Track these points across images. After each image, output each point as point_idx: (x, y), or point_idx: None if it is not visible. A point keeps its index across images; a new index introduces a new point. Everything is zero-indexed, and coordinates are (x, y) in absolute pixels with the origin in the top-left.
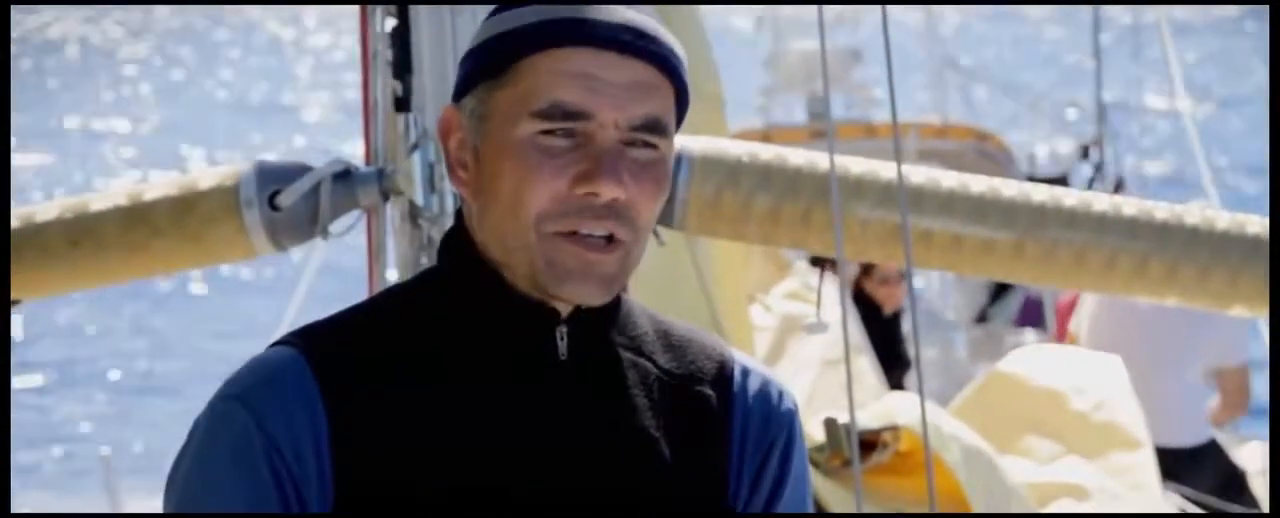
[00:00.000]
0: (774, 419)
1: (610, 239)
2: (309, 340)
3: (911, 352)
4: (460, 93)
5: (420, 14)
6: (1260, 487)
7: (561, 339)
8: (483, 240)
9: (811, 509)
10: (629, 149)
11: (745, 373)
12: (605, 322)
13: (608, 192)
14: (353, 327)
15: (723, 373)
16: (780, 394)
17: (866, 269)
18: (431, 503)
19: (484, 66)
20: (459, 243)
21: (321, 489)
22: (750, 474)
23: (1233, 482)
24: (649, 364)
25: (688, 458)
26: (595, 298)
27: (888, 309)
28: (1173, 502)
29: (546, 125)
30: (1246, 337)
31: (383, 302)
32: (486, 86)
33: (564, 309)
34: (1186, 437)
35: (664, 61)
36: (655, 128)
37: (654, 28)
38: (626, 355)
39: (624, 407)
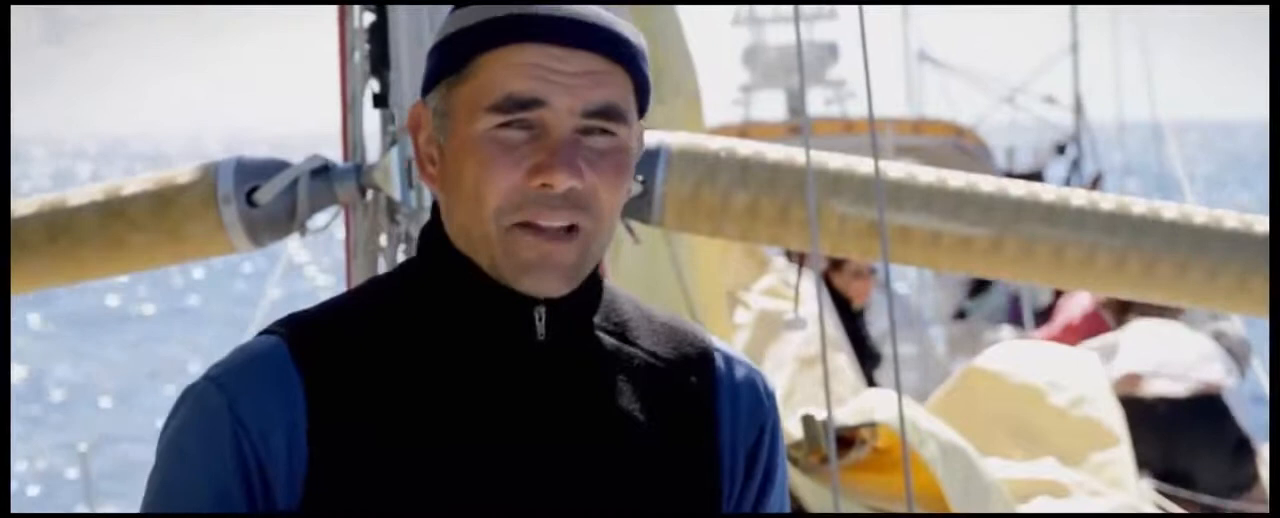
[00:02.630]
0: (760, 405)
1: (570, 229)
2: (292, 328)
3: (880, 346)
4: (425, 89)
5: (398, 10)
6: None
7: (539, 320)
8: (452, 233)
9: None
10: (586, 138)
11: (728, 359)
12: (583, 305)
13: (562, 182)
14: (335, 315)
15: (706, 359)
16: (764, 381)
17: (836, 263)
18: (412, 487)
19: (444, 64)
20: (434, 235)
21: (290, 472)
22: (744, 458)
23: (1242, 445)
24: (632, 349)
25: (673, 440)
26: (555, 289)
27: (857, 304)
28: (1149, 498)
29: (502, 119)
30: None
31: (364, 292)
32: (447, 83)
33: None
34: (1225, 377)
35: (615, 50)
36: (611, 114)
37: (606, 19)
38: (609, 340)
39: (605, 389)
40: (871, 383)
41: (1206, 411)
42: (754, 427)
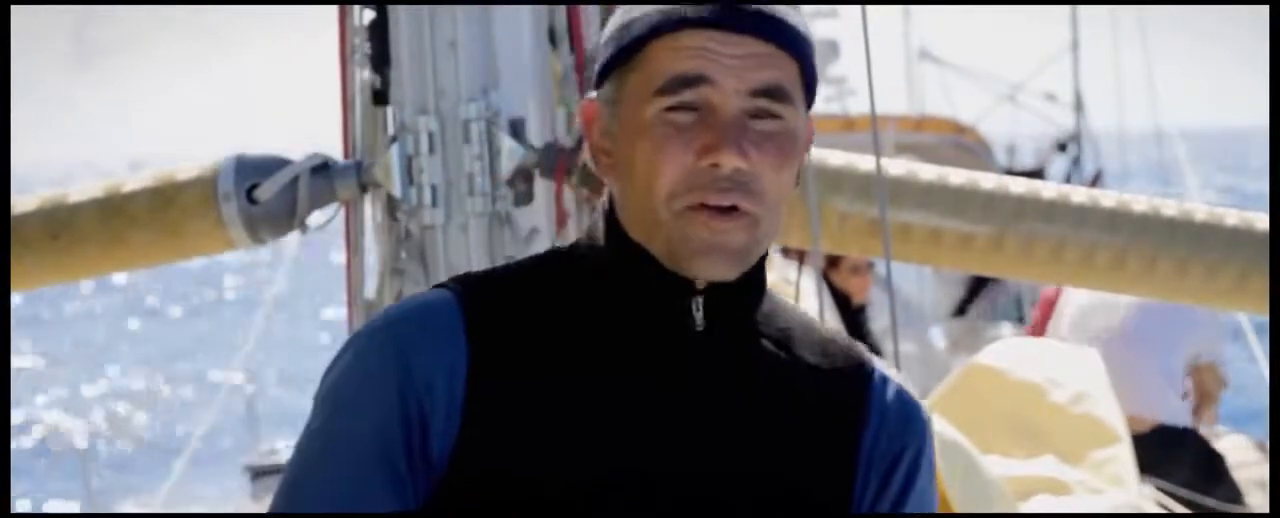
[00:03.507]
0: (909, 429)
1: (734, 209)
2: (464, 285)
3: (880, 343)
4: (598, 83)
5: (399, 8)
6: (1240, 476)
7: (696, 310)
8: (626, 220)
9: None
10: (753, 120)
11: (884, 379)
12: (742, 299)
13: (729, 161)
14: (506, 280)
15: (862, 375)
16: (917, 406)
17: (833, 260)
18: (555, 453)
19: (615, 55)
20: (607, 221)
21: (448, 421)
22: (878, 477)
23: (1212, 465)
24: (789, 355)
25: (815, 447)
26: (726, 271)
27: (856, 300)
28: (1150, 495)
29: (670, 101)
30: (1224, 337)
31: (537, 262)
32: (619, 73)
33: (701, 282)
34: (1173, 416)
35: (780, 35)
36: (777, 94)
37: (776, 10)
38: (768, 344)
39: (757, 387)
40: None
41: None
42: (895, 447)
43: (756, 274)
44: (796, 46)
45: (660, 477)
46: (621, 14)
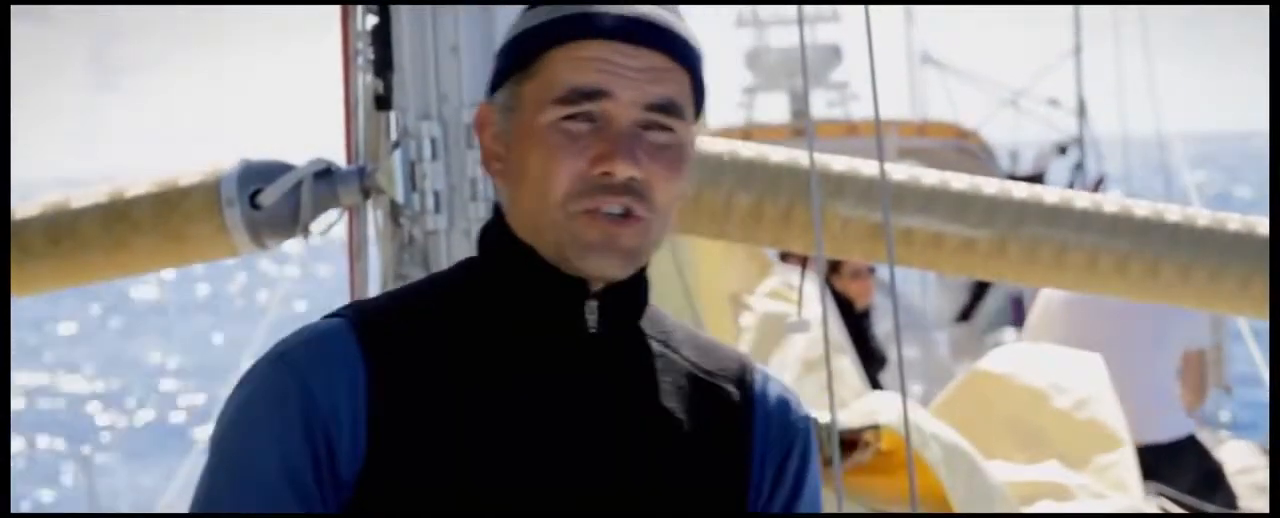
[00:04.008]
0: (792, 424)
1: (627, 214)
2: (356, 312)
3: (883, 348)
4: (493, 88)
5: (401, 12)
6: (1240, 484)
7: (590, 314)
8: (515, 224)
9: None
10: (646, 132)
11: (765, 378)
12: (632, 301)
13: (623, 170)
14: (396, 302)
15: (745, 376)
16: (798, 403)
17: (835, 265)
18: (463, 467)
19: (512, 62)
20: (495, 230)
21: (355, 444)
22: (771, 473)
23: (1209, 477)
24: (676, 356)
25: (710, 444)
26: (616, 269)
27: (859, 305)
28: (1154, 501)
29: (568, 110)
30: (1206, 321)
31: (425, 283)
32: (515, 80)
33: (594, 285)
34: (1163, 432)
35: (677, 50)
36: (670, 109)
37: (668, 20)
38: (655, 345)
39: (650, 384)
40: (876, 385)
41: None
42: (783, 444)
43: (644, 277)
44: (690, 60)
45: (564, 481)
46: (519, 20)
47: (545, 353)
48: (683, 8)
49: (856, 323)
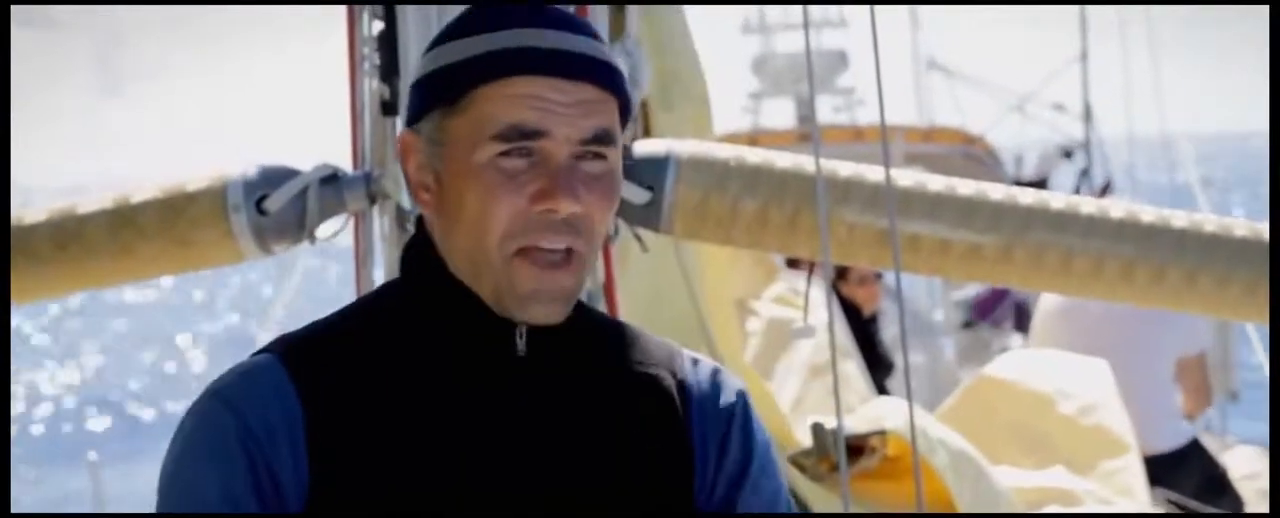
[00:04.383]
0: (724, 397)
1: (568, 254)
2: (284, 346)
3: (891, 353)
4: (413, 119)
5: (407, 17)
6: (1244, 489)
7: (520, 338)
8: (448, 256)
9: (783, 472)
10: (580, 163)
11: (694, 361)
12: (561, 330)
13: (565, 207)
14: (324, 333)
15: (673, 363)
16: (727, 376)
17: (842, 271)
18: (401, 493)
19: (436, 96)
20: (421, 254)
21: (297, 472)
22: (715, 448)
23: (1214, 482)
24: (606, 358)
25: (650, 441)
26: (554, 316)
27: (867, 310)
28: (1160, 507)
29: (505, 147)
30: (1205, 326)
31: (351, 311)
32: (442, 113)
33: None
34: (1165, 441)
35: (607, 80)
36: (603, 139)
37: (594, 49)
38: (585, 352)
39: (583, 395)
40: (882, 391)
41: (1161, 470)
42: (722, 418)
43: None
44: (620, 89)
45: (505, 499)
46: (439, 52)
47: (474, 377)
48: (688, 13)
49: (863, 329)
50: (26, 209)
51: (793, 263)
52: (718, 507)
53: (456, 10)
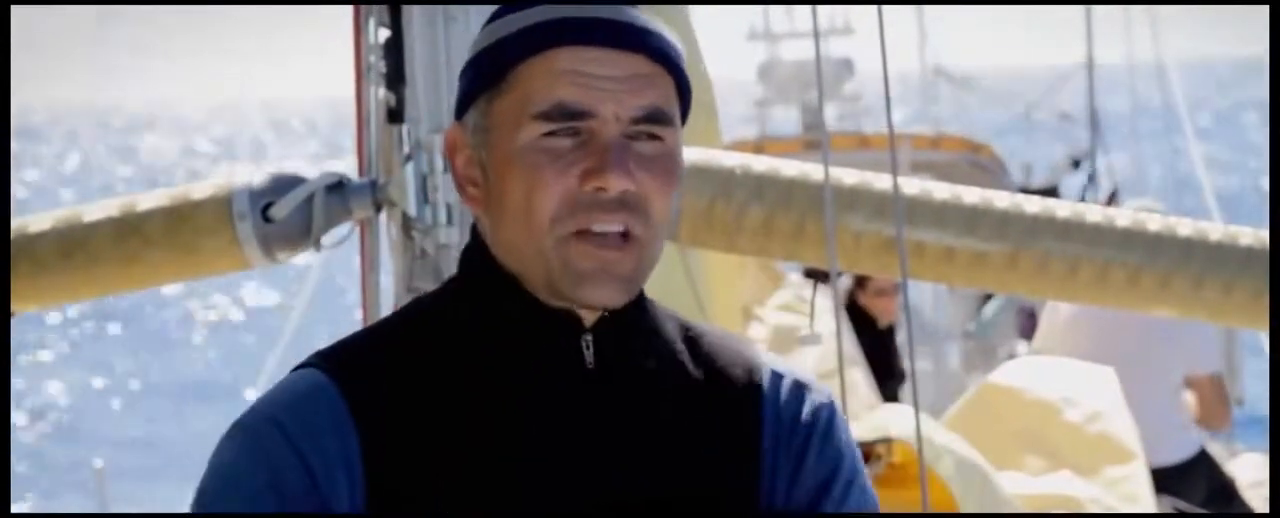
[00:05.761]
0: (805, 418)
1: (625, 235)
2: (334, 363)
3: (907, 364)
4: (461, 108)
5: (413, 25)
6: (1252, 498)
7: (587, 348)
8: (499, 253)
9: (871, 491)
10: (634, 143)
11: (776, 376)
12: (630, 328)
13: (616, 184)
14: (376, 346)
15: (753, 378)
16: (812, 393)
17: (860, 281)
18: (469, 513)
19: (481, 78)
20: (478, 257)
21: (353, 509)
22: (787, 473)
23: (1221, 493)
24: (677, 370)
25: (718, 464)
26: (615, 299)
27: (883, 322)
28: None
29: (549, 127)
30: (1216, 345)
31: (404, 319)
32: (486, 98)
33: (588, 317)
34: (1173, 453)
35: (658, 52)
36: (657, 118)
37: (645, 21)
38: (654, 362)
39: (653, 415)
40: (894, 401)
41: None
42: (799, 437)
43: (639, 305)
44: (673, 62)
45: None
46: (484, 34)
47: (541, 394)
48: (694, 20)
49: (880, 340)
50: (32, 217)
51: (810, 273)
52: None
53: (463, 16)
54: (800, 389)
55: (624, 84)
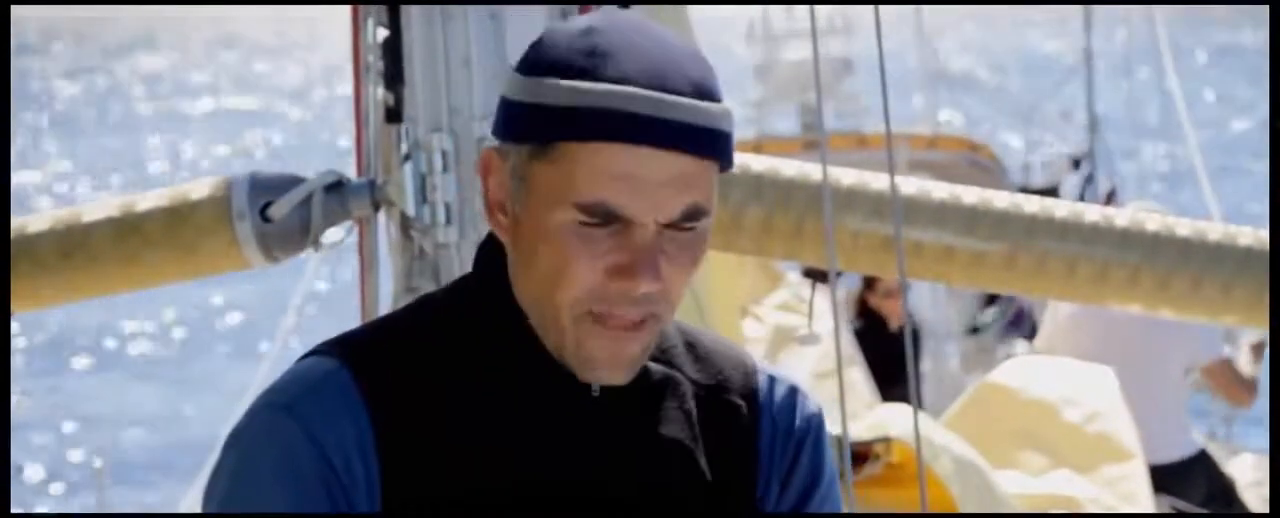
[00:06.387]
0: (799, 424)
1: (642, 320)
2: (348, 351)
3: (921, 365)
4: (500, 135)
5: (412, 24)
6: (1251, 498)
7: (594, 388)
8: (517, 288)
9: (845, 508)
10: (667, 231)
11: (771, 380)
12: (637, 379)
13: (644, 287)
14: (390, 339)
15: (749, 382)
16: (805, 400)
17: (870, 283)
18: (475, 513)
19: (527, 130)
20: (498, 277)
21: (371, 501)
22: (779, 479)
23: (1221, 493)
24: (679, 376)
25: (721, 468)
26: (620, 380)
27: (893, 323)
28: (1165, 514)
29: (588, 218)
30: (1217, 332)
31: (418, 314)
32: (529, 152)
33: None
34: (1172, 451)
35: (710, 150)
36: (694, 216)
37: (707, 117)
38: (657, 367)
39: (657, 419)
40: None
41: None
42: (791, 445)
43: None
44: (723, 152)
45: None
46: (541, 84)
47: (548, 407)
48: (693, 20)
49: (889, 341)
50: (31, 217)
51: (810, 273)
52: None
53: (460, 15)
54: (794, 395)
55: (670, 185)
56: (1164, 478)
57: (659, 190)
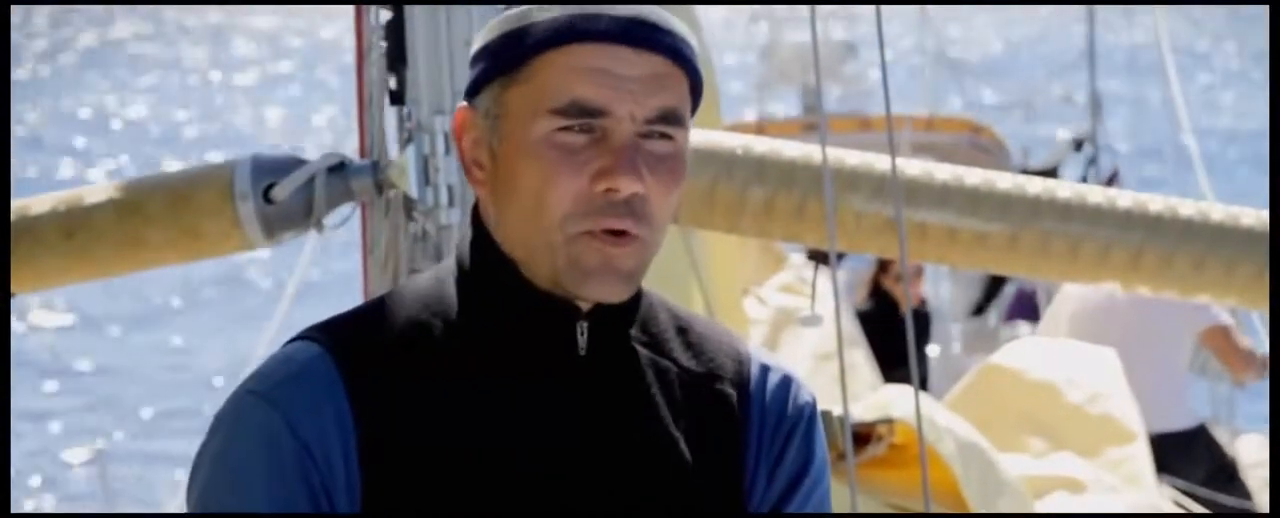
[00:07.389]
0: (790, 413)
1: (625, 234)
2: (331, 336)
3: (929, 348)
4: (473, 91)
5: (414, 7)
6: (1253, 478)
7: (581, 335)
8: (502, 238)
9: (830, 500)
10: (645, 141)
11: (764, 369)
12: (624, 318)
13: (626, 187)
14: (373, 323)
15: (741, 370)
16: (798, 388)
17: (883, 265)
18: (457, 499)
19: (497, 65)
20: (479, 240)
21: (349, 488)
22: (767, 468)
23: (1223, 470)
24: (668, 362)
25: (706, 456)
26: (616, 294)
27: (906, 307)
28: (1167, 494)
29: (564, 122)
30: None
31: (401, 298)
32: (501, 84)
33: (584, 305)
34: (1176, 421)
35: (677, 53)
36: (671, 119)
37: (666, 19)
38: (645, 353)
39: (642, 404)
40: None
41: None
42: (781, 434)
43: (634, 295)
44: (691, 64)
45: (561, 504)
46: (503, 19)
47: (533, 375)
48: (697, 6)
49: (900, 324)
50: (33, 198)
51: (813, 254)
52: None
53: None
54: (787, 384)
55: (642, 84)
56: (1165, 451)
57: (633, 85)
